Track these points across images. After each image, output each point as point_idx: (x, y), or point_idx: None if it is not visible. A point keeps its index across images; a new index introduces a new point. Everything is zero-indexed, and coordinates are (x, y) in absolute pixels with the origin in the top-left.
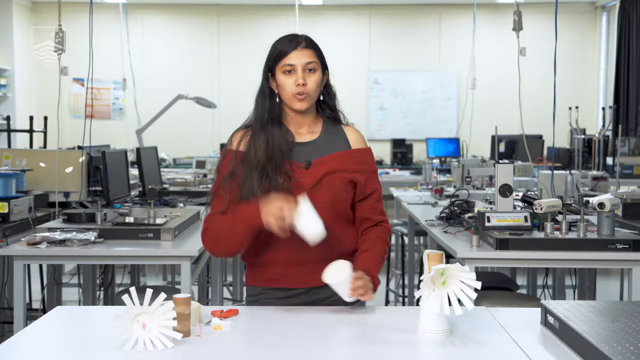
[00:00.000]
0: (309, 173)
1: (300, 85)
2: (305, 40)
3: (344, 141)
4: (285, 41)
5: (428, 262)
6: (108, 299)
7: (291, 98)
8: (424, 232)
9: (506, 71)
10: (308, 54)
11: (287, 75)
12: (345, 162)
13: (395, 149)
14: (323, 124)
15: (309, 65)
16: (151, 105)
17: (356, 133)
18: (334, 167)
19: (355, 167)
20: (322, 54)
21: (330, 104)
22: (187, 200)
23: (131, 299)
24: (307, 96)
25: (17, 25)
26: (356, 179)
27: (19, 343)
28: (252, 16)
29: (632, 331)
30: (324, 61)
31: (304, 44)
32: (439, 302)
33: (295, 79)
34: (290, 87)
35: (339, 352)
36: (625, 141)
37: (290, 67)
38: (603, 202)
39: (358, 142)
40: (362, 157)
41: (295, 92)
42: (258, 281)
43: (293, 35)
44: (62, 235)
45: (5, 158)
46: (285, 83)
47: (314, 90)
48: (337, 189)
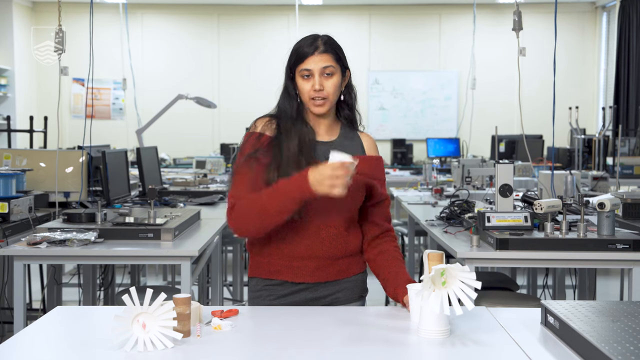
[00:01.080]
0: None
1: (317, 90)
2: (324, 43)
3: (359, 147)
4: (304, 45)
5: (428, 262)
6: (108, 299)
7: (308, 102)
8: (424, 232)
9: (506, 71)
10: (326, 58)
11: (304, 79)
12: (362, 165)
13: (395, 149)
14: (341, 128)
15: (327, 69)
16: (151, 105)
17: (371, 141)
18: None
19: (371, 172)
20: (343, 55)
21: (349, 103)
22: (187, 200)
23: (131, 299)
24: (325, 100)
25: (17, 25)
26: (372, 183)
27: (19, 343)
28: (252, 16)
29: (632, 331)
30: (344, 63)
31: (322, 48)
32: (439, 302)
33: (312, 84)
34: (308, 92)
35: (339, 352)
36: (625, 141)
37: (307, 71)
38: (603, 202)
39: (372, 150)
40: (376, 164)
41: (313, 96)
42: (261, 272)
43: (313, 37)
44: (62, 235)
45: (6, 158)
46: (303, 87)
47: (331, 94)
48: (352, 190)
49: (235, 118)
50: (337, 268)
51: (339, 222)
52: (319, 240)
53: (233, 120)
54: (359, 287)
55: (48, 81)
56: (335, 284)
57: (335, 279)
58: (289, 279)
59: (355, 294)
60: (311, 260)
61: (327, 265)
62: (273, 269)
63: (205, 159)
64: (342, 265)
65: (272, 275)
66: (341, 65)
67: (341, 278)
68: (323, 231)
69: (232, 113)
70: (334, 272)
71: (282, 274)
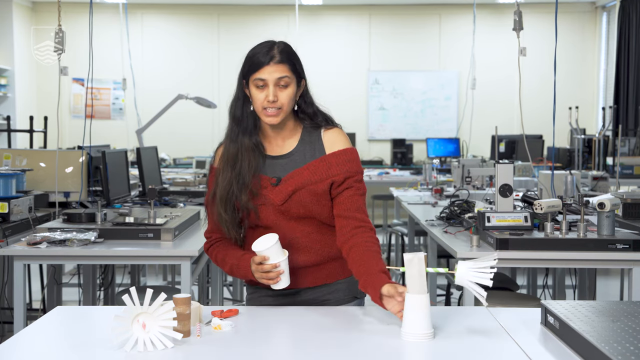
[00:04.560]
0: (279, 190)
1: (270, 101)
2: (280, 53)
3: (319, 148)
4: (260, 54)
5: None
6: (108, 299)
7: (261, 112)
8: (424, 232)
9: (506, 71)
10: (281, 69)
11: (258, 89)
12: (317, 171)
13: (395, 149)
14: (302, 132)
15: (281, 81)
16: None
17: (334, 135)
18: (303, 181)
19: (329, 172)
20: (299, 63)
21: (307, 112)
22: (187, 200)
23: (131, 299)
24: (279, 111)
25: (17, 25)
26: (330, 183)
27: (19, 343)
28: (252, 16)
29: (632, 331)
30: (301, 72)
31: (277, 58)
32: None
33: (266, 95)
34: (262, 102)
35: (339, 352)
36: (625, 141)
37: (262, 81)
38: (603, 202)
39: (335, 143)
40: (337, 159)
41: (266, 106)
42: (254, 282)
43: (269, 45)
44: (62, 235)
45: (6, 158)
46: (256, 97)
47: (286, 104)
48: (308, 203)
49: None
50: (326, 272)
51: (307, 230)
52: (294, 253)
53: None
54: (353, 289)
55: (48, 81)
56: (326, 287)
57: (324, 282)
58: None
59: (349, 295)
60: (296, 270)
61: (314, 271)
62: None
63: (205, 159)
64: (330, 269)
65: (259, 282)
66: (297, 76)
67: (330, 282)
68: (295, 244)
69: None
70: (323, 276)
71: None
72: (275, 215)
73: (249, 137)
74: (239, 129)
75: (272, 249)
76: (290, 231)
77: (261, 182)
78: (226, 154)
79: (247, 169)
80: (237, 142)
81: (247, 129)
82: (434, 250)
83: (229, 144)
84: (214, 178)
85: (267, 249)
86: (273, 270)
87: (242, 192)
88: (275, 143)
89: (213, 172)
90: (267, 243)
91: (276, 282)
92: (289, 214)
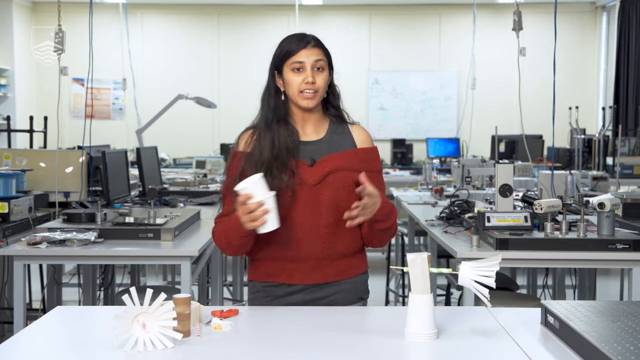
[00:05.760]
0: (313, 171)
1: (309, 83)
2: (313, 39)
3: (350, 140)
4: (294, 39)
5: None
6: (108, 299)
7: (298, 95)
8: (424, 232)
9: (506, 71)
10: (317, 52)
11: (295, 73)
12: (351, 160)
13: (395, 149)
14: (329, 123)
15: (318, 63)
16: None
17: (363, 132)
18: (338, 165)
19: (360, 166)
20: (329, 53)
21: (334, 104)
22: (187, 200)
23: (131, 299)
24: (315, 94)
25: (17, 25)
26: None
27: (19, 343)
28: (252, 16)
29: (632, 331)
30: (331, 61)
31: (312, 42)
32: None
33: (304, 77)
34: (299, 85)
35: (339, 352)
36: (625, 141)
37: (299, 64)
38: (603, 202)
39: (364, 141)
40: (367, 156)
41: (304, 89)
42: (258, 275)
43: (301, 34)
44: (62, 235)
45: (6, 158)
46: (294, 80)
47: (322, 88)
48: (341, 187)
49: (235, 118)
50: (335, 269)
51: (329, 221)
52: (311, 241)
53: (233, 120)
54: (359, 289)
55: (48, 81)
56: (334, 285)
57: (334, 280)
58: (285, 280)
59: (355, 296)
60: (306, 261)
61: (324, 266)
62: (269, 271)
63: (205, 159)
64: (339, 266)
65: (269, 277)
66: (329, 63)
67: (340, 279)
68: (315, 232)
69: (232, 113)
70: (331, 273)
71: (278, 276)
72: (307, 197)
73: (285, 123)
74: (274, 116)
75: (256, 185)
76: (314, 217)
77: (297, 164)
78: (261, 141)
79: (285, 152)
80: (272, 129)
81: (282, 116)
82: (434, 250)
83: (264, 130)
84: (238, 162)
85: (251, 184)
86: (258, 210)
87: (283, 173)
88: (305, 130)
89: (238, 156)
90: (251, 179)
91: (262, 223)
92: (318, 197)
